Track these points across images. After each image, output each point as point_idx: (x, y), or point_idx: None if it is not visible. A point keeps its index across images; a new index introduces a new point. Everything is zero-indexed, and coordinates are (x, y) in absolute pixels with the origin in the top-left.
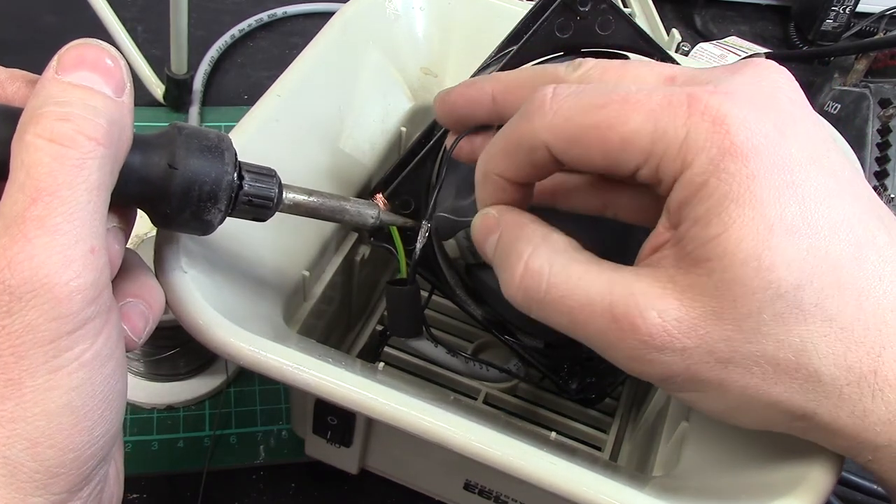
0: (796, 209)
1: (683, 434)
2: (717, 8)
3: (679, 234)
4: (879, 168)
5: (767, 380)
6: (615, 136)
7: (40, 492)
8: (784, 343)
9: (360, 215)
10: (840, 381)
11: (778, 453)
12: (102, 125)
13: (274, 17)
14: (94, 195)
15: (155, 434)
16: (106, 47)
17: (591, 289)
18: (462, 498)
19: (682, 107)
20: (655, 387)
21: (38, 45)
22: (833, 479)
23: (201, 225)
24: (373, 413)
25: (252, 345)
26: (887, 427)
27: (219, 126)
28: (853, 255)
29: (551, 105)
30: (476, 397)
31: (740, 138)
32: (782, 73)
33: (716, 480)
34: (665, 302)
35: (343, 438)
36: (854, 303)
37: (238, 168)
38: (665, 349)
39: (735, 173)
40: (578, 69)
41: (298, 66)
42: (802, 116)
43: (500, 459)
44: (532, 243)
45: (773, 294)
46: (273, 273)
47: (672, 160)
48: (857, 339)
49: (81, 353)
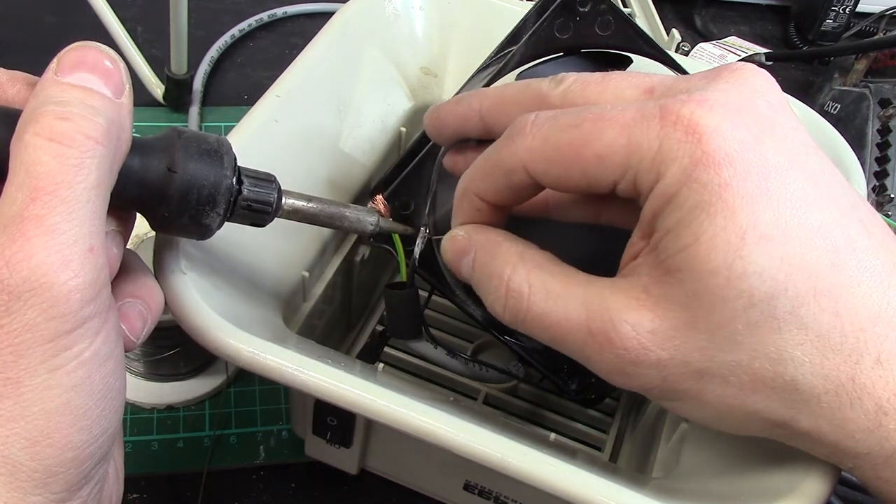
0: (770, 217)
1: (683, 435)
2: (717, 8)
3: (653, 244)
4: (879, 168)
5: (745, 389)
6: (590, 153)
7: (39, 490)
8: (759, 352)
9: (359, 222)
10: (818, 390)
11: (777, 455)
12: (101, 124)
13: (274, 17)
14: (94, 194)
15: (155, 434)
16: (105, 50)
17: (569, 304)
18: (462, 498)
19: (655, 119)
20: None
21: (38, 46)
22: (832, 482)
23: (200, 229)
24: (372, 414)
25: (251, 346)
26: (867, 435)
27: (219, 126)
28: (830, 262)
29: (531, 129)
30: (476, 398)
31: (713, 147)
32: (761, 77)
33: (715, 482)
34: (639, 314)
35: (343, 439)
36: (831, 310)
37: (237, 173)
38: (640, 362)
39: (707, 182)
40: (560, 84)
41: (298, 66)
42: (781, 121)
43: (499, 461)
44: (510, 263)
45: (745, 303)
46: (273, 274)
47: (647, 172)
48: (834, 347)
49: (81, 353)
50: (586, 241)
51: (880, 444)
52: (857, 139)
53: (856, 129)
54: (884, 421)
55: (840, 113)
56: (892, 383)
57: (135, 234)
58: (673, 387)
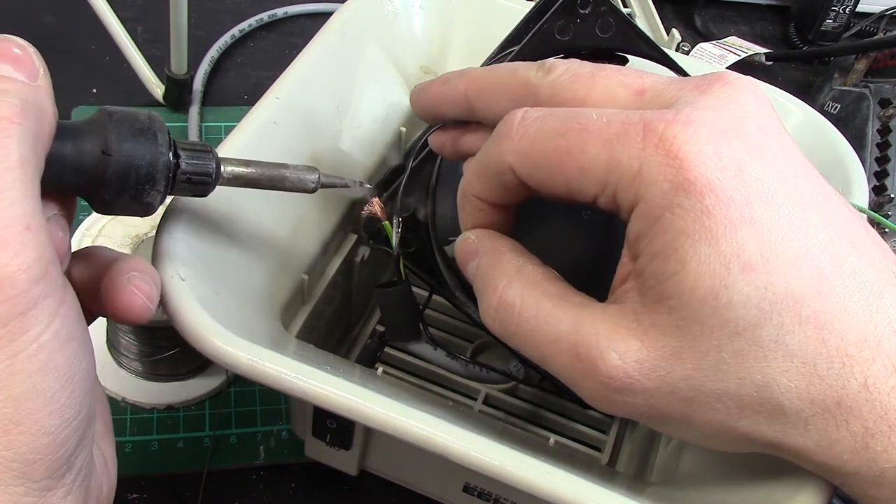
0: (754, 245)
1: (682, 441)
2: (717, 8)
3: (639, 268)
4: (879, 168)
5: (732, 415)
6: (573, 164)
7: (20, 480)
8: (745, 380)
9: (300, 181)
10: (805, 413)
11: (776, 463)
12: (15, 104)
13: (274, 17)
14: (19, 174)
15: (155, 434)
16: (12, 39)
17: (559, 325)
18: (462, 500)
19: (637, 137)
20: None
21: (38, 46)
22: (831, 490)
23: (142, 207)
24: (370, 422)
25: (249, 353)
26: (854, 456)
27: (219, 126)
28: (815, 289)
29: (518, 129)
30: (476, 398)
31: (694, 174)
32: (752, 93)
33: (714, 489)
34: (626, 343)
35: (342, 441)
36: (816, 337)
37: (173, 147)
38: (626, 391)
39: (689, 209)
40: (549, 74)
41: (298, 66)
42: (768, 143)
43: (497, 470)
44: (507, 275)
45: (730, 332)
46: (272, 277)
47: (626, 191)
48: (820, 373)
49: (39, 335)
50: (568, 262)
51: (868, 465)
52: (857, 139)
53: (856, 129)
54: (871, 443)
55: (840, 113)
56: (878, 407)
57: (135, 234)
58: (660, 414)
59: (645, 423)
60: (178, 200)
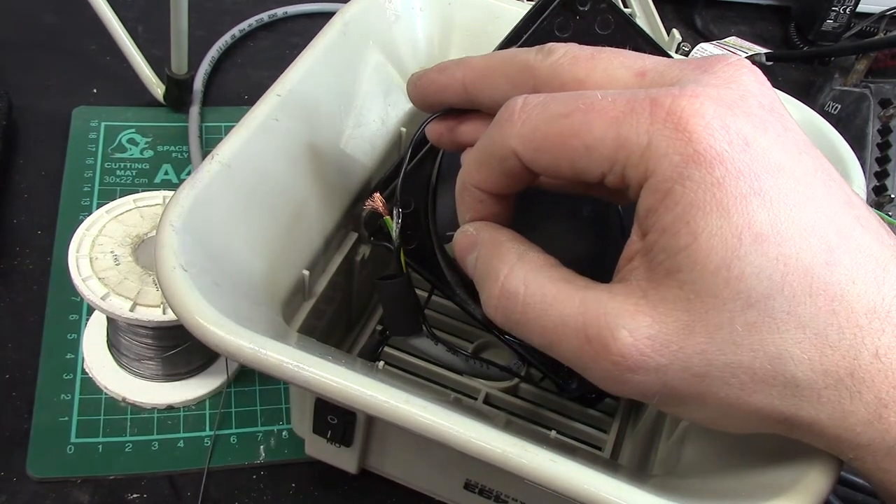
0: (765, 217)
1: (684, 432)
2: (717, 8)
3: (648, 244)
4: (879, 168)
5: (746, 389)
6: (579, 144)
7: None
8: (759, 352)
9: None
10: (818, 385)
11: (778, 451)
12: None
13: (274, 17)
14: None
15: (155, 434)
16: None
17: (565, 309)
18: (462, 497)
19: (645, 113)
20: None
21: (38, 45)
22: (832, 480)
23: None
24: (373, 410)
25: (252, 342)
26: (867, 427)
27: (219, 126)
28: (825, 261)
29: (520, 115)
30: (476, 397)
31: (703, 145)
32: (753, 75)
33: (716, 479)
34: (637, 320)
35: (343, 438)
36: (827, 308)
37: None
38: (639, 369)
39: (700, 181)
40: (549, 56)
41: (298, 67)
42: (772, 121)
43: (500, 457)
44: (508, 263)
45: (743, 304)
46: (273, 273)
47: (635, 167)
48: (832, 344)
49: None
50: (569, 249)
51: (881, 436)
52: (857, 139)
53: (856, 129)
54: (884, 413)
55: (840, 113)
56: (890, 376)
57: (136, 234)
58: (673, 392)
59: (657, 404)
60: (179, 194)
